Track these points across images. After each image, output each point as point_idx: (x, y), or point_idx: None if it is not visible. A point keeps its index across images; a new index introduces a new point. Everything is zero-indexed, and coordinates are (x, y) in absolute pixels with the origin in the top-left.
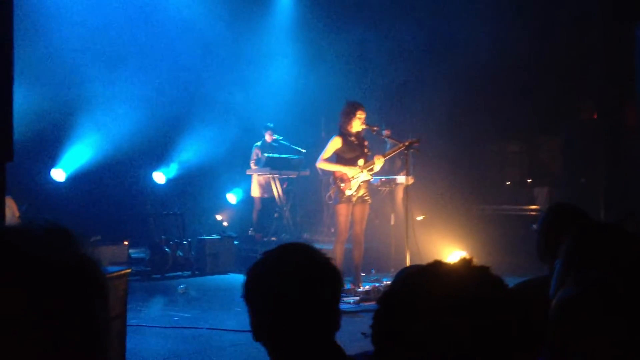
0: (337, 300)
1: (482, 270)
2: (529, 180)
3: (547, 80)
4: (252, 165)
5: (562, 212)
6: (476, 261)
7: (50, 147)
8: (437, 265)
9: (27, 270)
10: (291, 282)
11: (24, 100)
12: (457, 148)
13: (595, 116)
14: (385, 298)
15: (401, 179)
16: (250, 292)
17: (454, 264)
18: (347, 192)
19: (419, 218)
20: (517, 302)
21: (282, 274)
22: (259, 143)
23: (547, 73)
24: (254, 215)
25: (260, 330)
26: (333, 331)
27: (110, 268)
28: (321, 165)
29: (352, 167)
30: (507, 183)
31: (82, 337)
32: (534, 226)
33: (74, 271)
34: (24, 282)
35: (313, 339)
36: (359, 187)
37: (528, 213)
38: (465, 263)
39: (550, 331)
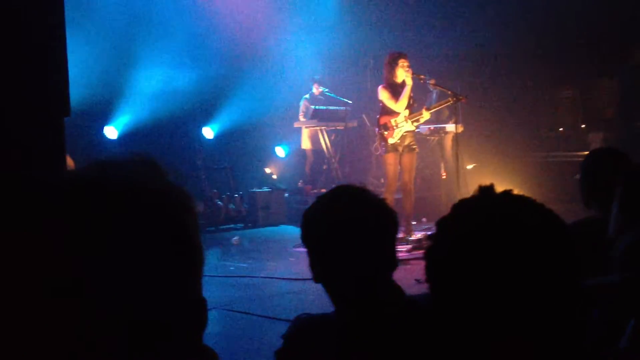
0: (393, 239)
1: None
2: (582, 126)
3: (599, 24)
4: (301, 118)
5: (602, 157)
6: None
7: (102, 105)
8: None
9: (126, 197)
10: (346, 221)
11: (76, 58)
12: (508, 94)
13: None
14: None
15: (450, 127)
16: (307, 234)
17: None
18: (390, 141)
19: (469, 167)
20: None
21: (336, 214)
22: (307, 95)
23: (599, 16)
24: (307, 168)
25: (319, 271)
26: (390, 271)
27: None
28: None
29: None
30: (560, 129)
31: (183, 260)
32: (577, 175)
33: (169, 197)
34: (122, 209)
35: (370, 278)
36: (403, 137)
37: (581, 159)
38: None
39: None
